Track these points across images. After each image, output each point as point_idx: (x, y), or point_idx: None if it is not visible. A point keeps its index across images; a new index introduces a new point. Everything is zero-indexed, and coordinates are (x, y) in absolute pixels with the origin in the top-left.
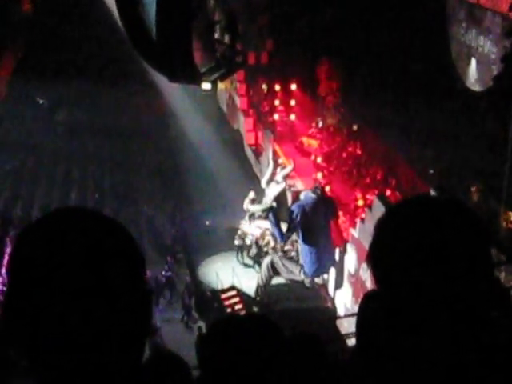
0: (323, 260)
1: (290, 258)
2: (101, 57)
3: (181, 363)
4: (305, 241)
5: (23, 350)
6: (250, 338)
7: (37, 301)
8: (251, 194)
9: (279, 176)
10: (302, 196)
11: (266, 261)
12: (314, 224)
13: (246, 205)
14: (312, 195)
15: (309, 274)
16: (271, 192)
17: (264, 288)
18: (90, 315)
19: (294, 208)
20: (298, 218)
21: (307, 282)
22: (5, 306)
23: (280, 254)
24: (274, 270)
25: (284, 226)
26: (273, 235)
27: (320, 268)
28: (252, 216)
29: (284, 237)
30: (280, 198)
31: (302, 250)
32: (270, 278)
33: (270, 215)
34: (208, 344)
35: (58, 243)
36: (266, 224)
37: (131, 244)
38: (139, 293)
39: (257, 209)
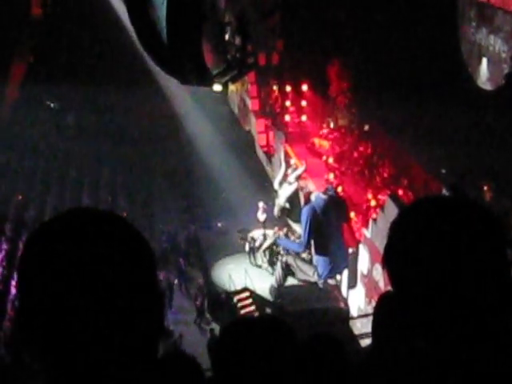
0: (336, 261)
1: (304, 259)
2: (111, 60)
3: (193, 363)
4: (317, 243)
5: (36, 351)
6: (263, 340)
7: (48, 301)
8: (261, 204)
9: (292, 177)
10: (312, 197)
11: (281, 261)
12: (325, 225)
13: (260, 215)
14: (323, 196)
15: (322, 275)
16: (284, 192)
17: (279, 288)
18: (101, 316)
19: (305, 210)
20: (309, 220)
21: (320, 283)
22: (18, 307)
23: (294, 254)
24: (288, 270)
25: (298, 228)
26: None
27: (333, 269)
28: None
29: (302, 245)
30: (293, 198)
31: (315, 251)
32: (284, 278)
33: (278, 240)
34: (221, 346)
35: (69, 244)
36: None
37: (143, 245)
38: (151, 294)
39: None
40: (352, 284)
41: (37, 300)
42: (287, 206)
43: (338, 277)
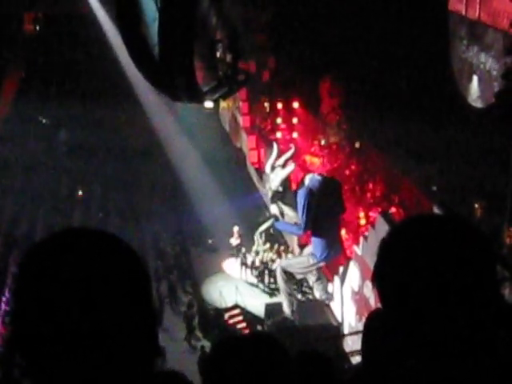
0: (333, 244)
1: (295, 256)
2: (102, 77)
3: (186, 381)
4: (314, 224)
5: (29, 368)
6: (255, 357)
7: (42, 320)
8: (236, 229)
9: (281, 160)
10: (307, 180)
11: (279, 272)
12: (321, 206)
13: (233, 240)
14: (318, 178)
15: (320, 257)
16: (277, 176)
17: (291, 300)
18: (95, 333)
19: (302, 192)
20: (307, 201)
21: (319, 264)
22: (12, 324)
23: (284, 258)
24: (288, 275)
25: (291, 212)
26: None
27: (331, 254)
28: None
29: (302, 227)
30: (285, 182)
31: (312, 233)
32: (291, 285)
33: (276, 223)
34: (212, 364)
35: (63, 263)
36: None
37: (138, 264)
38: (146, 312)
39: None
40: (343, 301)
41: (30, 318)
42: (280, 189)
43: (330, 290)
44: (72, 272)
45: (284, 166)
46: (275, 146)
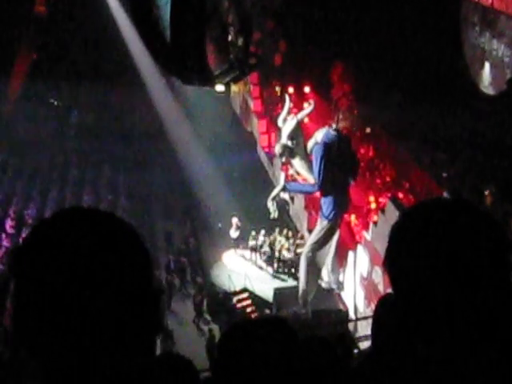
0: (341, 204)
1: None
2: (114, 59)
3: (188, 364)
4: (328, 182)
5: (33, 348)
6: (265, 341)
7: (43, 300)
8: (234, 220)
9: (300, 115)
10: (320, 134)
11: (303, 262)
12: (334, 162)
13: (232, 232)
14: (333, 132)
15: (327, 215)
16: (285, 130)
17: (307, 291)
18: (95, 312)
19: (318, 148)
20: (324, 157)
21: (326, 223)
22: (14, 305)
23: (293, 243)
24: (313, 266)
25: (302, 169)
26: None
27: (338, 212)
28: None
29: (316, 185)
30: (295, 136)
31: (325, 193)
32: (312, 279)
33: (287, 185)
34: (222, 348)
35: (66, 241)
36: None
37: (137, 242)
38: (146, 291)
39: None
40: (351, 286)
41: (32, 298)
42: (289, 144)
43: (340, 278)
44: (69, 251)
45: (293, 118)
46: (287, 99)
